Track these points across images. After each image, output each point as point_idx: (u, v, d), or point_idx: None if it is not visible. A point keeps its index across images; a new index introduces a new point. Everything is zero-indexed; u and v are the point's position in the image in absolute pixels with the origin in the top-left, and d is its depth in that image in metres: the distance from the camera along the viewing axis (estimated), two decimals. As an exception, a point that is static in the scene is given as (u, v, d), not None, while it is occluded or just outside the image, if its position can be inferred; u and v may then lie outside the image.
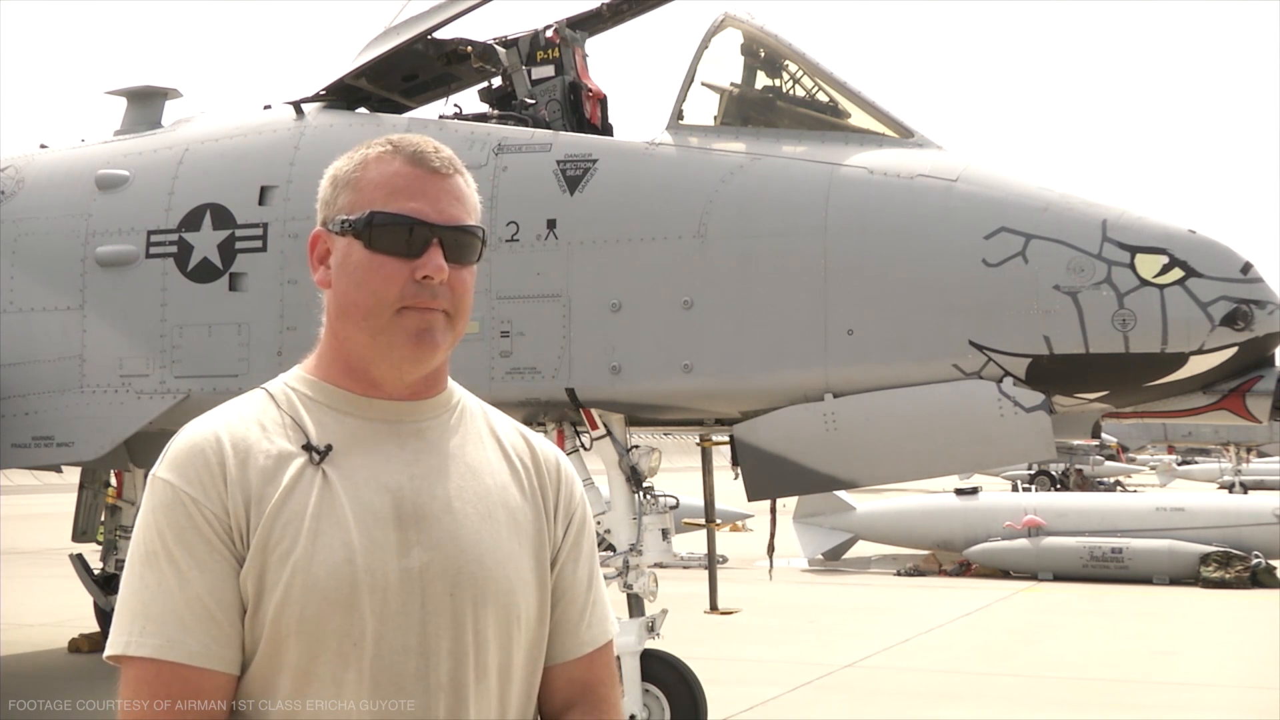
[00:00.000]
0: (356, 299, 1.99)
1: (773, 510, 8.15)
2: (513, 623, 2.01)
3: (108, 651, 1.91)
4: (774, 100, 7.30)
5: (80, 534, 11.84)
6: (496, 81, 7.95)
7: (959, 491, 20.78)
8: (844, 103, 7.15)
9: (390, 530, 1.95)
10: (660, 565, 7.58)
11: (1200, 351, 6.18)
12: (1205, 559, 17.84)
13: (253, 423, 1.99)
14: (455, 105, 8.04)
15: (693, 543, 14.49)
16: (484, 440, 2.11)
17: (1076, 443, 27.40)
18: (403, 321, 1.98)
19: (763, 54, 7.33)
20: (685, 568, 14.44)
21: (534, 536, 2.08)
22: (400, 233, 1.97)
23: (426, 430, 2.05)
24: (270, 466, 1.94)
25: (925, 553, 20.26)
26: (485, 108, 7.92)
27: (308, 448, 1.97)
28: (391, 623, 1.91)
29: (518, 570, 2.04)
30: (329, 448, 1.97)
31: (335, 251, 2.03)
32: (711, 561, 8.28)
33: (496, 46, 7.88)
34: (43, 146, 9.18)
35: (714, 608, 8.24)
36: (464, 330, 2.06)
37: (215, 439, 1.95)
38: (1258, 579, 17.75)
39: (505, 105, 7.77)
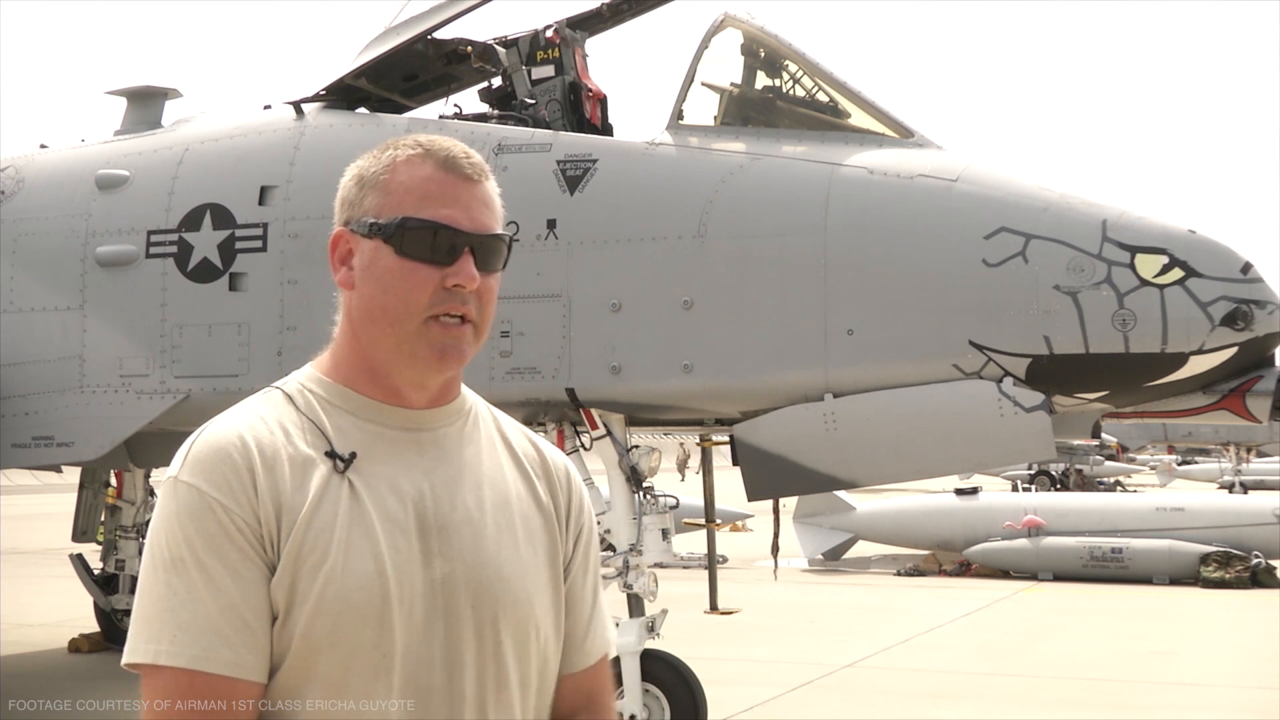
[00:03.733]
0: (385, 304, 1.96)
1: (775, 510, 8.16)
2: (530, 635, 2.01)
3: (130, 659, 1.85)
4: (774, 100, 7.30)
5: (80, 534, 11.84)
6: (496, 81, 7.95)
7: (959, 491, 20.77)
8: (844, 103, 7.15)
9: (414, 540, 1.93)
10: (660, 565, 7.58)
11: (1200, 351, 6.18)
12: (1205, 559, 17.84)
13: (275, 425, 1.95)
14: (455, 105, 8.04)
15: (693, 543, 14.51)
16: (497, 447, 2.10)
17: (1076, 443, 27.38)
18: (429, 334, 1.96)
19: (763, 54, 7.33)
20: (685, 568, 14.47)
21: (548, 546, 2.07)
22: (433, 240, 1.95)
23: (443, 438, 2.03)
24: (297, 473, 1.91)
25: (925, 553, 20.25)
26: (485, 108, 7.92)
27: (331, 454, 1.93)
28: (418, 634, 1.90)
29: (535, 582, 2.03)
30: (353, 455, 1.94)
31: (361, 254, 1.99)
32: (711, 561, 8.28)
33: (496, 46, 7.88)
34: (43, 146, 9.18)
35: (714, 608, 8.23)
36: (485, 337, 2.04)
37: (241, 443, 1.90)
38: (1258, 579, 17.75)
39: (505, 105, 7.77)
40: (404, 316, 1.95)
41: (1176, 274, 6.17)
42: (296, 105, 7.99)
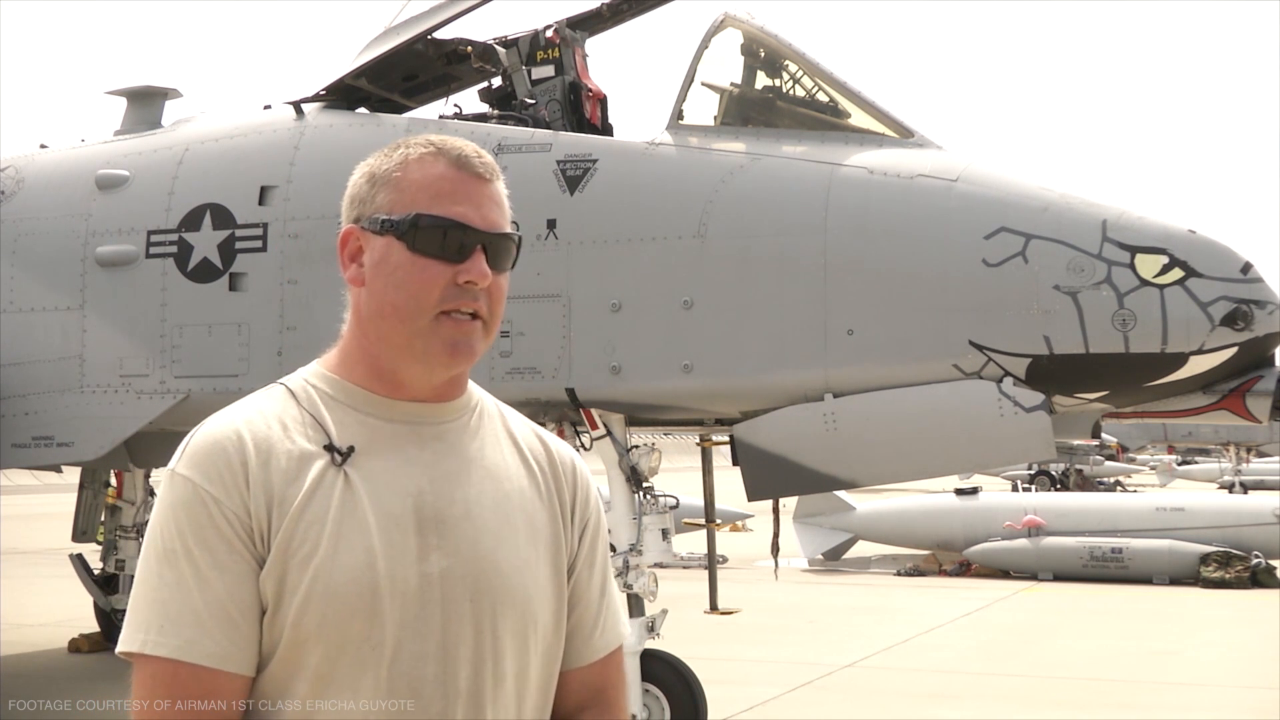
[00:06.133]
0: (396, 300, 1.97)
1: (775, 510, 8.16)
2: (529, 630, 2.00)
3: (121, 647, 1.88)
4: (774, 100, 7.30)
5: (80, 534, 11.84)
6: (496, 81, 7.96)
7: (959, 491, 20.77)
8: (844, 103, 7.15)
9: (410, 535, 1.93)
10: (660, 565, 7.58)
11: (1200, 351, 6.18)
12: (1205, 559, 17.83)
13: (274, 420, 1.96)
14: (455, 105, 8.04)
15: (693, 543, 14.51)
16: (501, 443, 2.10)
17: (1076, 443, 27.37)
18: (440, 330, 1.96)
19: (763, 54, 7.34)
20: (685, 568, 14.46)
21: (551, 542, 2.07)
22: (446, 237, 1.96)
23: (447, 432, 2.04)
24: (292, 467, 1.92)
25: (925, 553, 20.25)
26: (485, 108, 7.92)
27: (330, 448, 1.94)
28: (411, 628, 1.90)
29: (535, 578, 2.02)
30: (351, 449, 1.95)
31: (371, 250, 1.99)
32: (711, 561, 8.28)
33: (496, 46, 7.88)
34: (43, 146, 9.18)
35: (714, 608, 8.24)
36: (495, 335, 2.05)
37: (237, 436, 1.92)
38: (1258, 579, 17.74)
39: (505, 105, 7.77)
40: (415, 313, 1.96)
41: (1176, 274, 6.17)
42: (296, 105, 8.00)
